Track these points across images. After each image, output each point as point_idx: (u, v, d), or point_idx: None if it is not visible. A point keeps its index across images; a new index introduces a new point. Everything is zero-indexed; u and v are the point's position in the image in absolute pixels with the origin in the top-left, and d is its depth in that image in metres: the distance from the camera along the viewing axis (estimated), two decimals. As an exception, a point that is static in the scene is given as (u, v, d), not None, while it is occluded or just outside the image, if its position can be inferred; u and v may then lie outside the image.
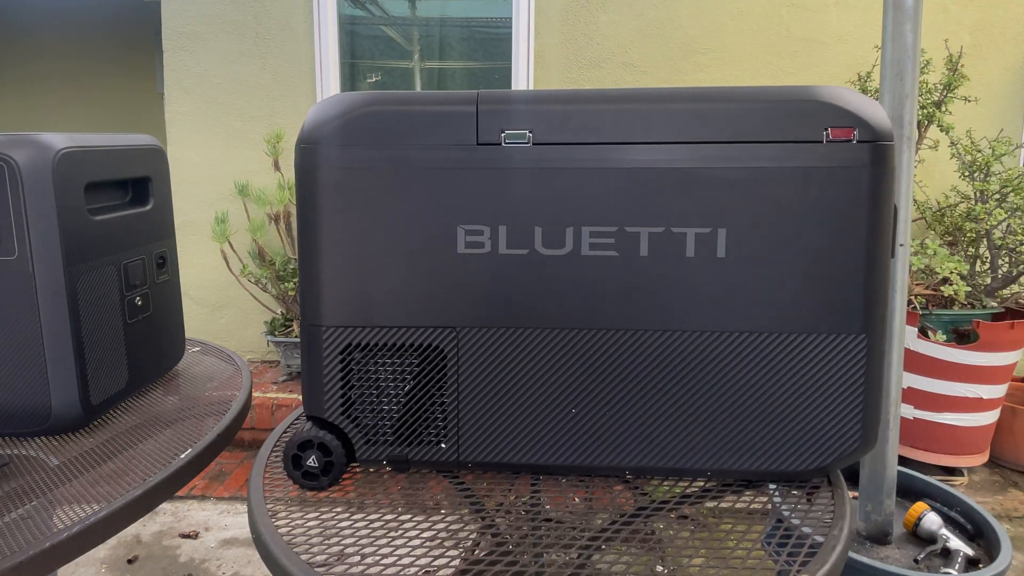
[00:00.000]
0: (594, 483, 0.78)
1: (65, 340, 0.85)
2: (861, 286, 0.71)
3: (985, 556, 1.41)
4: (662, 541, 0.71)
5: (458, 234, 0.73)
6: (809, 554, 0.66)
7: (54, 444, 0.86)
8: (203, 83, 3.11)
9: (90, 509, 0.70)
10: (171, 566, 2.09)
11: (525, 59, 3.03)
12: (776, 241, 0.71)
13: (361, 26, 3.28)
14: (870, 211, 0.70)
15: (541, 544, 0.69)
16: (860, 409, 0.73)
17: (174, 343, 1.11)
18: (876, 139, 0.69)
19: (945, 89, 2.52)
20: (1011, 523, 2.30)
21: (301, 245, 0.75)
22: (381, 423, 0.77)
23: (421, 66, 3.29)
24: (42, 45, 5.07)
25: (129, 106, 5.08)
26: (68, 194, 0.84)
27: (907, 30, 1.32)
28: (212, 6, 3.06)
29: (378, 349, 0.76)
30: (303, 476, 0.76)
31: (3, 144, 0.80)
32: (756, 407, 0.74)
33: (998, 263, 2.58)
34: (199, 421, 0.93)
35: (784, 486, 0.78)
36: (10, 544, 0.64)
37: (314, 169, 0.73)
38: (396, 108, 0.72)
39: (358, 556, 0.65)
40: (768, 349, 0.73)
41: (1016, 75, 2.94)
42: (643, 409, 0.75)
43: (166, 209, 1.07)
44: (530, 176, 0.72)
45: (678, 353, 0.73)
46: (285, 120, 3.09)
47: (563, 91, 0.74)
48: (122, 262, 0.95)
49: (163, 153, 1.06)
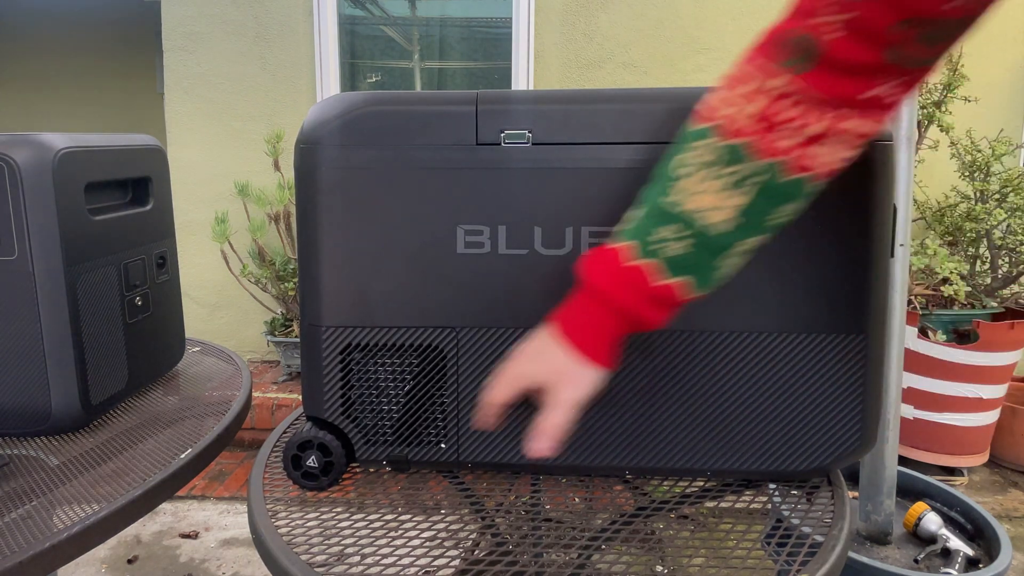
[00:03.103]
0: (594, 483, 0.79)
1: (65, 340, 0.85)
2: (861, 286, 0.71)
3: (985, 556, 1.41)
4: (662, 541, 0.71)
5: (458, 234, 0.73)
6: (809, 554, 0.66)
7: (54, 444, 0.86)
8: (203, 83, 3.11)
9: (90, 509, 0.70)
10: (171, 566, 2.09)
11: (525, 59, 3.03)
12: (775, 241, 0.71)
13: (361, 26, 3.28)
14: (870, 211, 0.70)
15: (541, 544, 0.69)
16: (860, 409, 0.73)
17: (174, 343, 1.11)
18: (876, 139, 0.69)
19: (945, 89, 2.52)
20: (1011, 523, 2.30)
21: (301, 245, 0.75)
22: (381, 423, 0.77)
23: (421, 66, 3.29)
24: (42, 45, 5.07)
25: (129, 106, 5.08)
26: (68, 194, 0.84)
27: (907, 30, 1.32)
28: (212, 6, 3.06)
29: (378, 349, 0.76)
30: (303, 476, 0.76)
31: (3, 144, 0.80)
32: (756, 407, 0.74)
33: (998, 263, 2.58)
34: (199, 421, 0.93)
35: (784, 486, 0.78)
36: (10, 544, 0.64)
37: (314, 169, 0.73)
38: (396, 108, 0.72)
39: (358, 556, 0.65)
40: (768, 349, 0.73)
41: (1016, 75, 2.94)
42: (643, 409, 0.75)
43: (166, 209, 1.07)
44: (530, 176, 0.72)
45: (678, 353, 0.73)
46: (285, 120, 3.09)
47: (563, 91, 0.74)
48: (122, 262, 0.95)
49: (163, 153, 1.06)
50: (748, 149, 0.53)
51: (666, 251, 0.56)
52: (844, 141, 0.53)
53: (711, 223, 0.55)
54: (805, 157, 0.53)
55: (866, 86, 0.51)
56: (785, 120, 0.52)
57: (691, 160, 0.55)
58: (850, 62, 0.50)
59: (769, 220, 0.56)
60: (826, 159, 0.54)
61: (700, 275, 0.58)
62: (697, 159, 0.55)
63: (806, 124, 0.52)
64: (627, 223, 0.60)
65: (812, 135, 0.52)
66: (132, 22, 4.89)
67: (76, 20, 5.01)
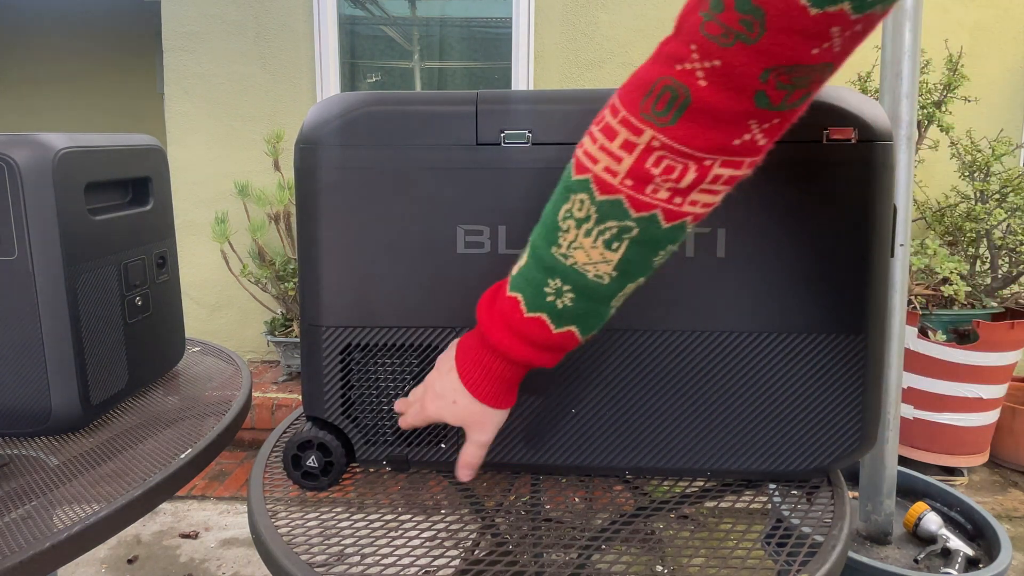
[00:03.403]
0: (594, 483, 0.79)
1: (65, 340, 0.85)
2: (861, 286, 0.71)
3: (985, 556, 1.41)
4: (662, 541, 0.71)
5: (458, 234, 0.73)
6: (809, 554, 0.66)
7: (54, 444, 0.86)
8: (203, 83, 3.11)
9: (90, 509, 0.70)
10: (171, 566, 2.09)
11: (525, 59, 3.03)
12: (775, 241, 0.71)
13: (361, 26, 3.28)
14: (870, 211, 0.70)
15: (541, 544, 0.69)
16: (859, 409, 0.73)
17: (174, 343, 1.11)
18: (876, 139, 0.69)
19: (945, 89, 2.52)
20: (1011, 523, 2.30)
21: (300, 245, 0.75)
22: (381, 423, 0.77)
23: (421, 66, 3.29)
24: (42, 45, 5.07)
25: (129, 106, 5.08)
26: (68, 194, 0.84)
27: (907, 30, 1.32)
28: (212, 6, 3.06)
29: (378, 349, 0.76)
30: (303, 476, 0.76)
31: (3, 144, 0.80)
32: (755, 407, 0.74)
33: (998, 263, 2.58)
34: (199, 421, 0.93)
35: (784, 486, 0.78)
36: (10, 544, 0.64)
37: (313, 169, 0.73)
38: (396, 108, 0.72)
39: (358, 556, 0.65)
40: (768, 349, 0.73)
41: (1016, 75, 2.94)
42: (643, 409, 0.75)
43: (166, 209, 1.07)
44: (530, 176, 0.72)
45: (678, 353, 0.73)
46: (285, 120, 3.09)
47: (563, 91, 0.74)
48: (122, 262, 0.95)
49: (163, 153, 1.06)
50: (623, 204, 0.53)
51: (557, 303, 0.59)
52: (715, 187, 0.53)
53: (598, 275, 0.57)
54: (683, 205, 0.53)
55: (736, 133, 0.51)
56: (656, 174, 0.52)
57: (573, 212, 0.56)
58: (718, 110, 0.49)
59: (651, 264, 0.58)
60: (700, 204, 0.54)
61: (590, 321, 0.60)
62: (578, 212, 0.55)
63: (680, 176, 0.52)
64: (518, 268, 0.61)
65: (685, 186, 0.52)
66: (132, 22, 4.89)
67: (76, 20, 5.01)
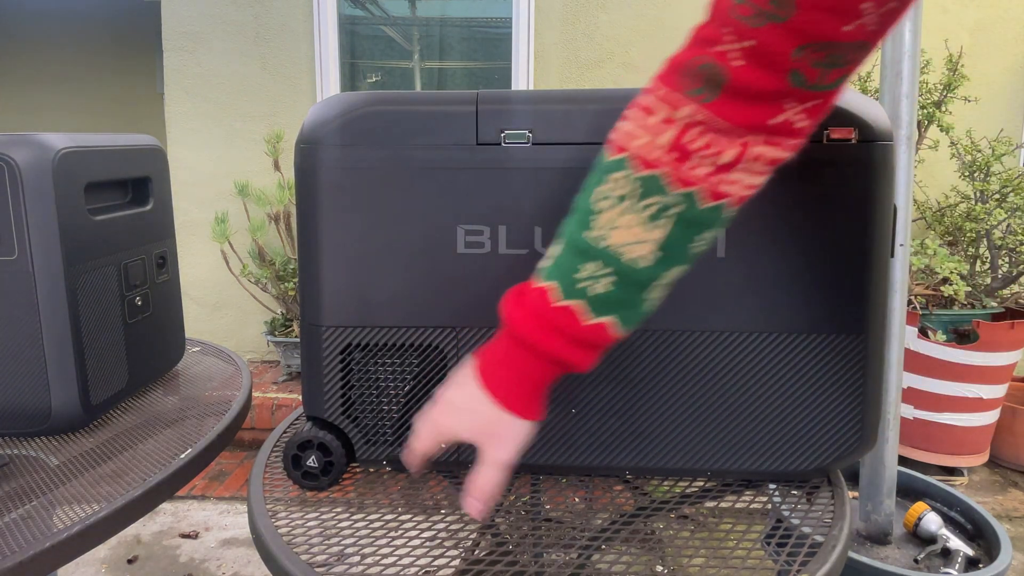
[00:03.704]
0: (594, 483, 0.79)
1: (65, 340, 0.85)
2: (861, 286, 0.71)
3: (985, 556, 1.41)
4: (662, 541, 0.71)
5: (458, 234, 0.73)
6: (809, 554, 0.66)
7: (54, 444, 0.86)
8: (203, 83, 3.11)
9: (90, 509, 0.70)
10: (171, 566, 2.09)
11: (525, 59, 3.03)
12: (775, 241, 0.71)
13: (361, 26, 3.28)
14: (870, 211, 0.70)
15: (541, 544, 0.69)
16: (859, 409, 0.73)
17: (174, 343, 1.11)
18: (876, 139, 0.69)
19: (945, 89, 2.52)
20: (1011, 523, 2.30)
21: (301, 245, 0.75)
22: (381, 423, 0.77)
23: (421, 66, 3.29)
24: (42, 45, 5.07)
25: (129, 106, 5.08)
26: (68, 194, 0.84)
27: (906, 30, 1.32)
28: (212, 6, 3.06)
29: (378, 349, 0.76)
30: (303, 476, 0.76)
31: (3, 144, 0.80)
32: (755, 407, 0.74)
33: (998, 263, 2.58)
34: (199, 421, 0.93)
35: (784, 486, 0.78)
36: (10, 544, 0.64)
37: (314, 169, 0.73)
38: (396, 108, 0.72)
39: (358, 556, 0.65)
40: (768, 349, 0.73)
41: (1016, 75, 2.94)
42: (643, 409, 0.75)
43: (166, 209, 1.07)
44: (530, 176, 0.72)
45: (677, 353, 0.73)
46: (285, 120, 3.09)
47: (563, 91, 0.74)
48: (122, 262, 0.95)
49: (163, 153, 1.06)
50: (664, 180, 0.53)
51: (591, 290, 0.55)
52: (756, 167, 0.53)
53: (634, 258, 0.55)
54: (721, 184, 0.53)
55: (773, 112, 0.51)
56: (697, 149, 0.52)
57: (609, 192, 0.54)
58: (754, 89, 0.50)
59: (690, 249, 0.56)
60: (741, 185, 0.54)
61: (627, 312, 0.56)
62: (615, 192, 0.54)
63: (719, 152, 0.52)
64: (547, 260, 0.58)
65: (725, 162, 0.52)
66: (132, 22, 4.89)
67: (76, 20, 5.01)
